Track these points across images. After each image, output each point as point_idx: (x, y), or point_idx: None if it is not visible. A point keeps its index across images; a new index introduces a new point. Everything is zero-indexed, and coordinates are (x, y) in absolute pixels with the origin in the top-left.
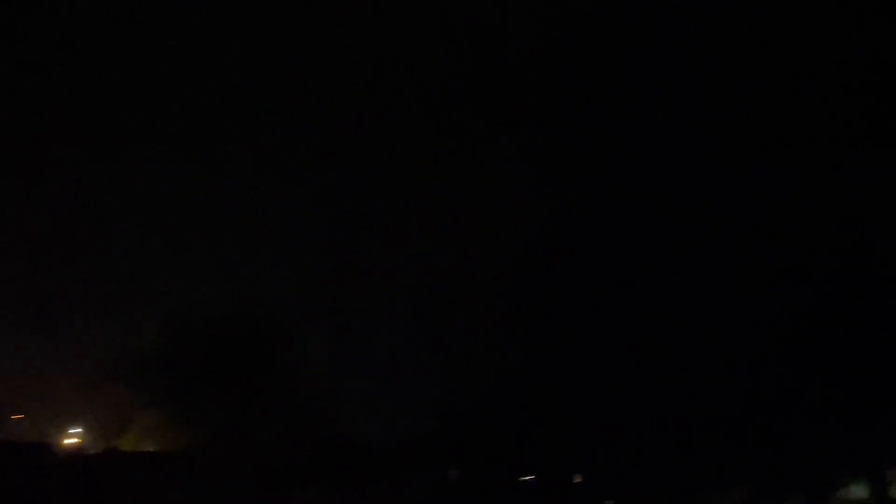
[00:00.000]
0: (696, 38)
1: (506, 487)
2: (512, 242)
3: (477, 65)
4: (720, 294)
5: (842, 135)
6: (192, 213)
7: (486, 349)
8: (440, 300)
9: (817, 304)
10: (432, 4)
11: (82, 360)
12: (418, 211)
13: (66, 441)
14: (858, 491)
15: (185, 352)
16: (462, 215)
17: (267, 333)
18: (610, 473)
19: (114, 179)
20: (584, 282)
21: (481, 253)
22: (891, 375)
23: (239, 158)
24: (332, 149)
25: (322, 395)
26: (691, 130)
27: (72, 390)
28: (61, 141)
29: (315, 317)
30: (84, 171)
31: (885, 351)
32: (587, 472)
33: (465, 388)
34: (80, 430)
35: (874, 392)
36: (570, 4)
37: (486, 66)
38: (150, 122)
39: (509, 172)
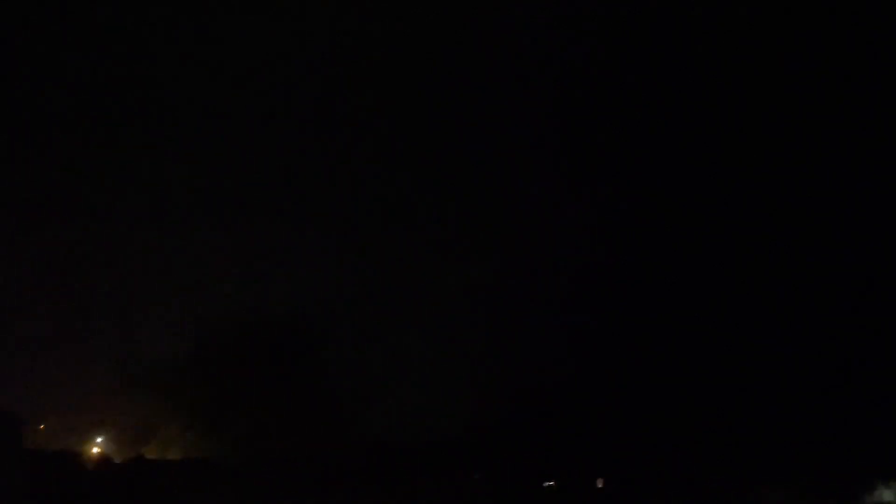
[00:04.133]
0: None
1: (528, 492)
2: (541, 251)
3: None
4: (748, 295)
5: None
6: (218, 219)
7: (512, 355)
8: (469, 307)
9: (846, 310)
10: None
11: (105, 369)
12: (448, 220)
13: (92, 450)
14: (888, 495)
15: (211, 358)
16: (493, 225)
17: (293, 338)
18: (635, 477)
19: (139, 185)
20: (604, 287)
21: (510, 263)
22: None
23: (268, 162)
24: (361, 153)
25: (349, 398)
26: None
27: (96, 399)
28: (87, 147)
29: (343, 321)
30: (108, 176)
31: None
32: (611, 477)
33: (490, 394)
34: (103, 439)
35: None
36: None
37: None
38: (182, 128)
39: (536, 180)
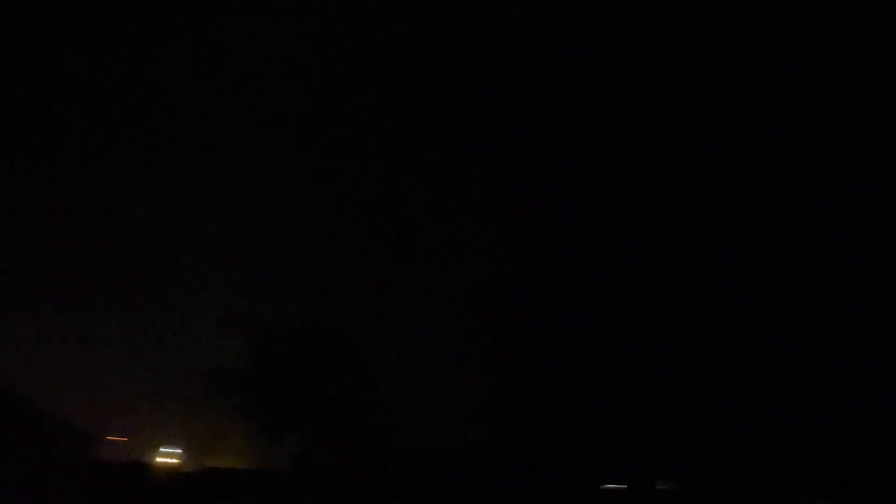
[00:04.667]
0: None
1: (583, 495)
2: (577, 243)
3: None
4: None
5: None
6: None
7: (563, 348)
8: (508, 306)
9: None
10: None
11: (173, 381)
12: (474, 221)
13: (163, 460)
14: None
15: (267, 368)
16: (518, 221)
17: (342, 346)
18: (702, 480)
19: (192, 200)
20: (640, 285)
21: (549, 261)
22: None
23: (308, 178)
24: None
25: (388, 404)
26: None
27: (164, 411)
28: (149, 158)
29: (375, 325)
30: (162, 193)
31: None
32: (675, 478)
33: (538, 391)
34: (175, 449)
35: None
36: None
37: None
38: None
39: (560, 180)
